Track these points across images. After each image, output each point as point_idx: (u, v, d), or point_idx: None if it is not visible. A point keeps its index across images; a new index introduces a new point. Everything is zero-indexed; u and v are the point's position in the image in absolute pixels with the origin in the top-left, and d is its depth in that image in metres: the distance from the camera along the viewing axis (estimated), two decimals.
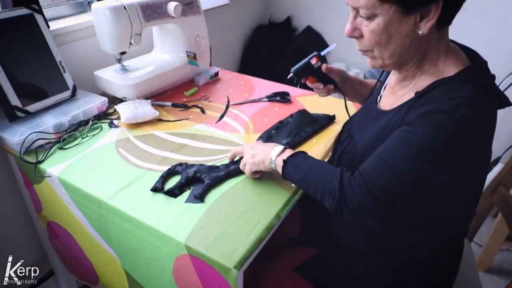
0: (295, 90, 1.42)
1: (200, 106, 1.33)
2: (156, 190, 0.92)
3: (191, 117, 1.27)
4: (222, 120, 1.25)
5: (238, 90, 1.46)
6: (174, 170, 0.98)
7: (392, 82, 0.86)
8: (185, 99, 1.39)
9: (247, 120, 1.24)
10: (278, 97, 1.36)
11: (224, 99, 1.38)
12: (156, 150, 1.08)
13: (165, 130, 1.18)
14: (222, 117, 1.26)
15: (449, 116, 0.64)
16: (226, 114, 1.28)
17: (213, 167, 0.99)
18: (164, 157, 1.05)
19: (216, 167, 0.99)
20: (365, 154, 0.78)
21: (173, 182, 0.95)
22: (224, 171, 0.96)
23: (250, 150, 0.92)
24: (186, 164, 1.00)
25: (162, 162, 1.02)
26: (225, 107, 1.32)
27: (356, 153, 0.84)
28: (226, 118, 1.26)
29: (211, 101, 1.38)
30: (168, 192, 0.91)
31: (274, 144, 0.92)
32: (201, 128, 1.20)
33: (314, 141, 1.11)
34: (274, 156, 0.86)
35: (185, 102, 1.36)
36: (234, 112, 1.30)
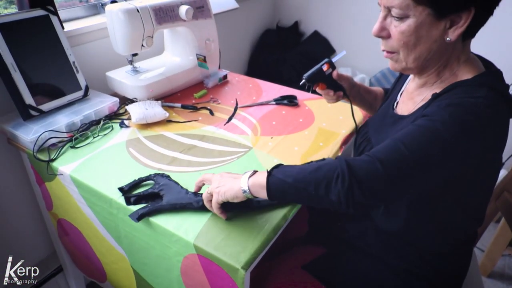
0: (302, 93, 1.44)
1: (209, 108, 1.35)
2: (121, 190, 0.92)
3: (200, 118, 1.29)
4: (230, 122, 1.27)
5: (246, 92, 1.48)
6: (152, 178, 0.96)
7: (410, 88, 0.87)
8: (194, 101, 1.41)
9: (255, 122, 1.26)
10: (286, 100, 1.38)
11: (232, 102, 1.40)
12: (166, 151, 1.10)
13: (174, 131, 1.21)
14: (230, 119, 1.28)
15: (467, 109, 0.65)
16: (235, 116, 1.30)
17: (183, 192, 0.90)
18: (174, 157, 1.07)
19: (186, 193, 0.89)
20: None
21: (145, 187, 0.95)
22: (184, 201, 0.87)
23: (219, 179, 0.80)
24: (168, 177, 0.96)
25: (172, 162, 1.04)
26: (233, 110, 1.34)
27: None
28: (234, 120, 1.27)
29: (220, 103, 1.40)
30: (125, 197, 0.90)
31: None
32: (210, 129, 1.22)
33: (321, 144, 1.13)
34: (246, 178, 0.75)
35: (194, 104, 1.38)
36: (242, 114, 1.32)
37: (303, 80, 0.99)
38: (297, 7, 2.57)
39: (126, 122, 1.24)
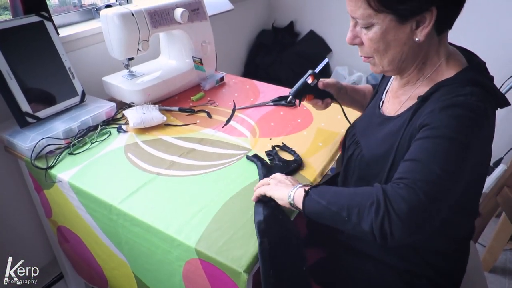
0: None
1: (206, 110, 1.35)
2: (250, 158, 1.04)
3: (198, 121, 1.28)
4: (228, 124, 1.26)
5: (244, 94, 1.48)
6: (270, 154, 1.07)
7: (394, 87, 0.87)
8: (191, 104, 1.41)
9: (254, 124, 1.26)
10: (284, 101, 1.38)
11: (230, 104, 1.40)
12: (164, 155, 1.09)
13: (173, 135, 1.20)
14: (228, 121, 1.28)
15: (462, 107, 0.65)
16: (233, 119, 1.30)
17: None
18: (172, 161, 1.06)
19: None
20: (372, 159, 0.79)
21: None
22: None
23: (276, 182, 0.85)
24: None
25: (171, 166, 1.04)
26: (231, 112, 1.34)
27: (363, 158, 0.85)
28: (232, 123, 1.27)
29: (218, 105, 1.40)
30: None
31: (297, 181, 0.87)
32: (208, 132, 1.21)
33: (320, 144, 1.13)
34: (295, 189, 0.79)
35: (192, 107, 1.37)
36: (240, 116, 1.31)
37: (290, 96, 1.01)
38: (292, 7, 2.57)
39: (123, 127, 1.23)
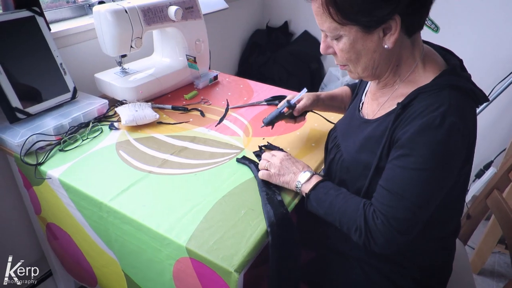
0: (294, 94, 1.43)
1: (199, 109, 1.34)
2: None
3: (191, 120, 1.28)
4: (221, 123, 1.26)
5: (237, 93, 1.48)
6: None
7: (372, 89, 0.88)
8: (185, 102, 1.40)
9: (247, 123, 1.25)
10: (277, 101, 1.38)
11: (223, 103, 1.39)
12: (156, 153, 1.09)
13: (165, 133, 1.19)
14: (221, 120, 1.27)
15: (438, 129, 0.67)
16: (226, 117, 1.29)
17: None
18: (165, 159, 1.06)
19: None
20: (352, 164, 0.82)
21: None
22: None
23: (279, 166, 0.92)
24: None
25: (163, 164, 1.03)
26: (224, 111, 1.34)
27: (343, 162, 0.85)
28: (225, 121, 1.27)
29: (211, 104, 1.39)
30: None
31: (302, 164, 0.93)
32: (201, 131, 1.21)
33: (313, 144, 1.13)
34: (301, 182, 0.88)
35: (185, 105, 1.37)
36: (234, 115, 1.31)
37: (263, 125, 1.07)
38: (286, 7, 2.57)
39: (115, 124, 1.22)
